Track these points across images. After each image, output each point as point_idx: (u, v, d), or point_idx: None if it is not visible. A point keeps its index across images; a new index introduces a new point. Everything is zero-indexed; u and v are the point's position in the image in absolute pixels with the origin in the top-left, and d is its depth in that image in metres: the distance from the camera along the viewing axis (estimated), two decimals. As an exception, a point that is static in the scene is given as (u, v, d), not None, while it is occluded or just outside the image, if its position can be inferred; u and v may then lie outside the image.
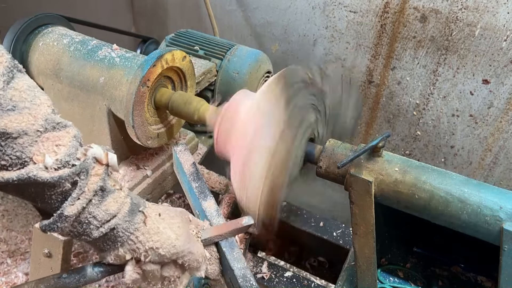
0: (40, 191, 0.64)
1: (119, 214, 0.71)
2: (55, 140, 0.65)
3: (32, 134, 0.62)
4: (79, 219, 0.67)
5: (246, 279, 0.82)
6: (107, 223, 0.70)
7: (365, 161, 0.92)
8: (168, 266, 0.80)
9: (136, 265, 0.77)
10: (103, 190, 0.69)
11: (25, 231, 2.18)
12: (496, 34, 1.47)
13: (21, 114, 0.61)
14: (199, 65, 1.41)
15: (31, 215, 2.25)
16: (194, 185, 0.98)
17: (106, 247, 0.74)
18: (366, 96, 1.85)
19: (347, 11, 1.70)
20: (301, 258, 1.51)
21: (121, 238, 0.73)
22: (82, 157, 0.67)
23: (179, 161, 1.03)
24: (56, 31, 1.25)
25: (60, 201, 0.65)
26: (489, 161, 1.71)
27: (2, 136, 0.59)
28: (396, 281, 1.13)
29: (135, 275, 0.77)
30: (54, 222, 0.66)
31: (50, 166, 0.62)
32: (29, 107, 0.62)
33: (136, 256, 0.76)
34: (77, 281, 0.76)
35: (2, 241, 2.12)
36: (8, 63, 0.62)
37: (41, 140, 0.63)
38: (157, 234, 0.76)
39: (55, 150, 0.64)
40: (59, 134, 0.66)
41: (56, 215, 0.65)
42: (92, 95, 1.14)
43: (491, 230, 0.83)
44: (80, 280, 0.77)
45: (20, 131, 0.60)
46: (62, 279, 0.75)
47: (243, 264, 0.84)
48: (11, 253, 2.08)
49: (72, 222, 0.67)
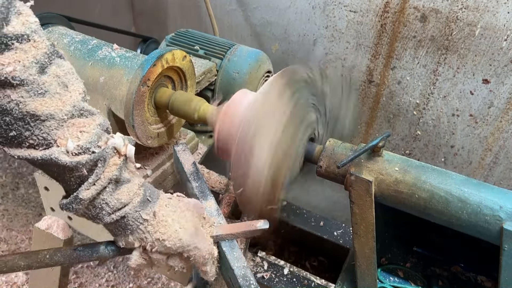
0: (61, 172, 0.68)
1: (130, 204, 0.75)
2: (80, 126, 0.69)
3: (58, 118, 0.66)
4: (93, 203, 0.71)
5: (246, 279, 0.82)
6: (118, 211, 0.74)
7: (365, 161, 0.92)
8: (173, 257, 0.83)
9: (143, 252, 0.80)
10: (118, 179, 0.73)
11: (25, 231, 2.18)
12: (496, 34, 1.47)
13: (51, 99, 0.65)
14: (199, 65, 1.41)
15: (31, 215, 2.25)
16: (194, 184, 0.98)
17: (117, 232, 0.78)
18: (366, 96, 1.85)
19: (347, 10, 1.70)
20: (301, 258, 1.51)
21: (131, 226, 0.76)
22: (103, 145, 0.70)
23: (179, 161, 1.04)
24: (56, 31, 1.25)
25: (78, 184, 0.70)
26: (489, 161, 1.71)
27: (32, 117, 0.64)
28: (396, 280, 1.13)
29: (141, 260, 0.81)
30: (70, 203, 0.70)
31: (71, 151, 0.66)
32: (60, 92, 0.67)
33: (144, 245, 0.79)
34: (90, 255, 0.81)
35: (2, 240, 2.12)
36: (47, 49, 0.66)
37: (67, 125, 0.67)
38: (165, 227, 0.78)
39: (78, 136, 0.68)
40: (85, 120, 0.70)
41: (72, 196, 0.70)
42: (92, 95, 1.14)
43: (491, 229, 0.83)
44: (93, 255, 0.81)
45: (48, 114, 0.65)
46: (77, 251, 0.80)
47: (243, 263, 0.84)
48: (11, 252, 2.08)
49: (87, 205, 0.71)
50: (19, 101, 0.62)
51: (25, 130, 0.64)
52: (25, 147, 0.66)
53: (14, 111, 0.63)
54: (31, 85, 0.63)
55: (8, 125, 0.63)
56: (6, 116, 0.63)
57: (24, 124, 0.64)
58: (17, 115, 0.63)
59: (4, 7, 0.60)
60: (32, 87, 0.63)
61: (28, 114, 0.63)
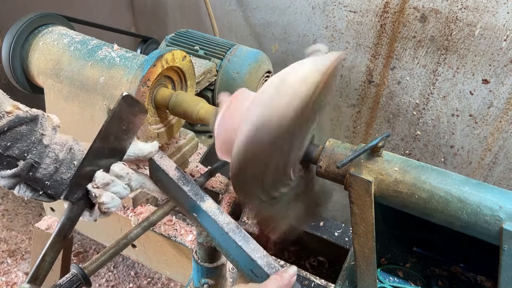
0: None
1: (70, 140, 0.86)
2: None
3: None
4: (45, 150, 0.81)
5: (271, 266, 0.79)
6: (65, 145, 0.83)
7: (365, 161, 0.92)
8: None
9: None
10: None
11: (25, 231, 2.18)
12: (496, 34, 1.47)
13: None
14: (199, 65, 1.41)
15: (31, 215, 2.25)
16: (186, 188, 0.94)
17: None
18: (366, 96, 1.85)
19: (347, 11, 1.70)
20: (301, 258, 1.51)
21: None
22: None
23: (160, 169, 0.97)
24: (56, 31, 1.25)
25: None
26: (489, 161, 1.72)
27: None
28: (396, 280, 1.14)
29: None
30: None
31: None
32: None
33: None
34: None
35: (3, 240, 2.12)
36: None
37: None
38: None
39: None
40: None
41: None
42: (92, 95, 1.14)
43: (491, 230, 0.83)
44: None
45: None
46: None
47: (263, 252, 0.82)
48: (11, 252, 2.08)
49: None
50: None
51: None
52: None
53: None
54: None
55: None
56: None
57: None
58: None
59: None
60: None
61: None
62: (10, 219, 2.22)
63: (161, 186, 1.00)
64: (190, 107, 1.10)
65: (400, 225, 1.10)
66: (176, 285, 2.04)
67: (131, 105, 0.84)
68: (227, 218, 0.89)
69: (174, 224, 1.34)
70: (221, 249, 0.90)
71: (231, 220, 0.89)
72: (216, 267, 0.99)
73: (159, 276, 2.10)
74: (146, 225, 1.08)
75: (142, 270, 2.11)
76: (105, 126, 0.80)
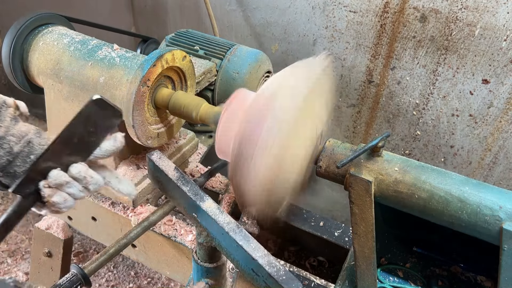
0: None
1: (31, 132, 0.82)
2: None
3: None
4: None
5: (272, 265, 0.79)
6: (23, 138, 0.81)
7: (365, 161, 0.92)
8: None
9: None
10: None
11: (25, 231, 2.18)
12: (496, 34, 1.47)
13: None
14: (199, 65, 1.41)
15: (31, 215, 2.25)
16: (185, 189, 0.94)
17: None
18: (366, 96, 1.85)
19: (347, 11, 1.70)
20: (301, 258, 1.51)
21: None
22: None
23: (159, 169, 0.96)
24: (56, 31, 1.25)
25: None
26: (489, 161, 1.72)
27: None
28: (396, 280, 1.14)
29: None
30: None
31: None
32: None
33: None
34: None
35: (3, 240, 2.12)
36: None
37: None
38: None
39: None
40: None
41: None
42: (92, 95, 1.14)
43: (491, 230, 0.83)
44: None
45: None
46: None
47: (264, 251, 0.82)
48: (11, 252, 2.08)
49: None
50: None
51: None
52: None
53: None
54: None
55: None
56: None
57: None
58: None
59: None
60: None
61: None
62: (10, 219, 2.22)
63: (161, 187, 1.00)
64: (190, 107, 1.10)
65: (400, 225, 1.10)
66: (176, 285, 2.04)
67: (103, 109, 0.82)
68: (227, 218, 0.89)
69: (174, 224, 1.34)
70: (222, 249, 0.90)
71: (231, 220, 0.89)
72: (216, 267, 0.99)
73: (159, 276, 2.10)
74: (146, 225, 1.08)
75: (142, 270, 2.11)
76: (68, 126, 0.77)
